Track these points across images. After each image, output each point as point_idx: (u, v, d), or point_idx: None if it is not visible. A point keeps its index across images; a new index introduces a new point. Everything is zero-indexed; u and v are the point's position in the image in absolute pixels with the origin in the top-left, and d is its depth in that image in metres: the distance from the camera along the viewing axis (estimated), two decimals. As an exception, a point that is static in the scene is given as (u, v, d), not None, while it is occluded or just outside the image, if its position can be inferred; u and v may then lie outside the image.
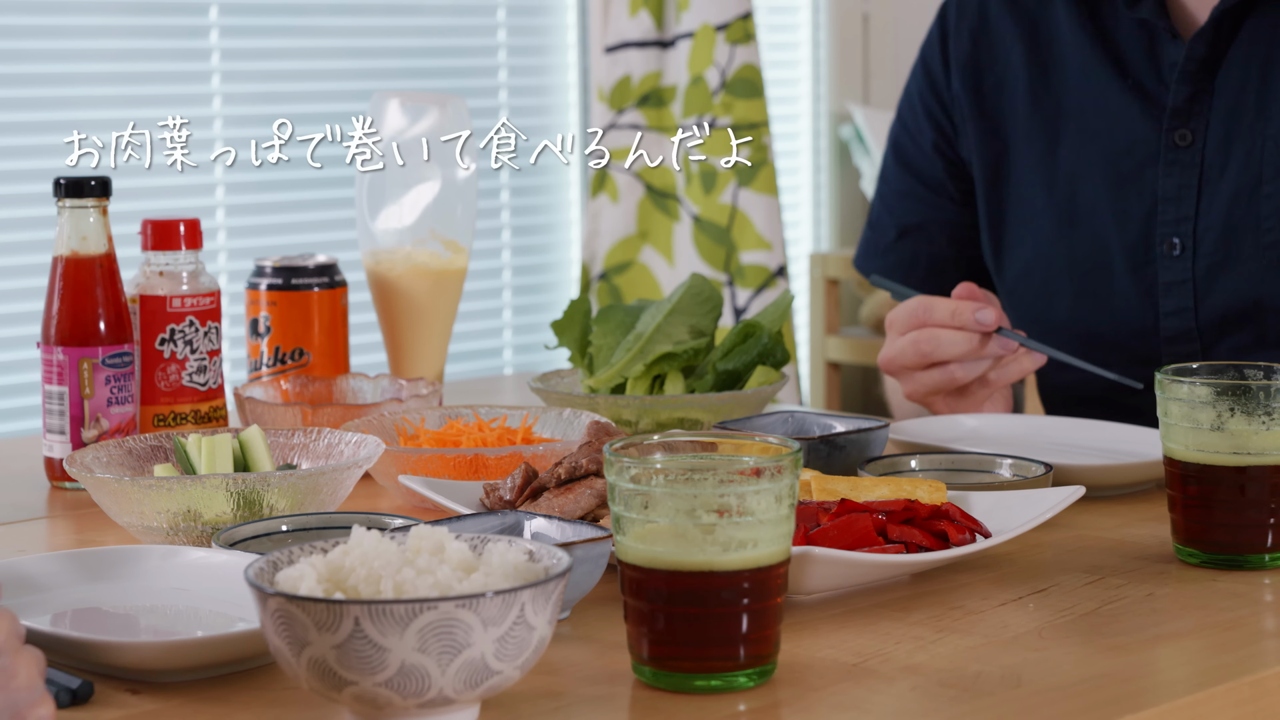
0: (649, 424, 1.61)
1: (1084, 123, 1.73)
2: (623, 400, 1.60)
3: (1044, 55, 1.76)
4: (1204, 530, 1.25)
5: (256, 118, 3.17)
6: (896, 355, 1.62)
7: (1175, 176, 1.68)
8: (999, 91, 1.79)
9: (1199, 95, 1.67)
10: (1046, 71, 1.76)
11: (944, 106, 1.83)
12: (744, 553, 0.98)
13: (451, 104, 1.78)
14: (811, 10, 3.93)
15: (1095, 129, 1.73)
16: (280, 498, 1.28)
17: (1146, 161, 1.70)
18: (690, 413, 1.60)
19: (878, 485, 1.27)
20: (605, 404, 1.60)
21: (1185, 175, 1.68)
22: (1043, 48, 1.76)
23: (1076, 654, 1.06)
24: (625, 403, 1.60)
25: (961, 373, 1.60)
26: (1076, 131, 1.74)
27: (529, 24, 3.53)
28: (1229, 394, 1.23)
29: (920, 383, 1.63)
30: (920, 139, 1.85)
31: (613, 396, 1.62)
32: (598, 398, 1.61)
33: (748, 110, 3.44)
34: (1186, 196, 1.68)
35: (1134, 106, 1.70)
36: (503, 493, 1.29)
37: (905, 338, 1.61)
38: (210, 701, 0.99)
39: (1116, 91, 1.71)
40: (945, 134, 1.83)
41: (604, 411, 1.60)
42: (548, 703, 0.98)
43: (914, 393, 1.65)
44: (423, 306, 1.76)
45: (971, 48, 1.81)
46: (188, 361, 1.58)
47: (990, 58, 1.79)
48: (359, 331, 1.94)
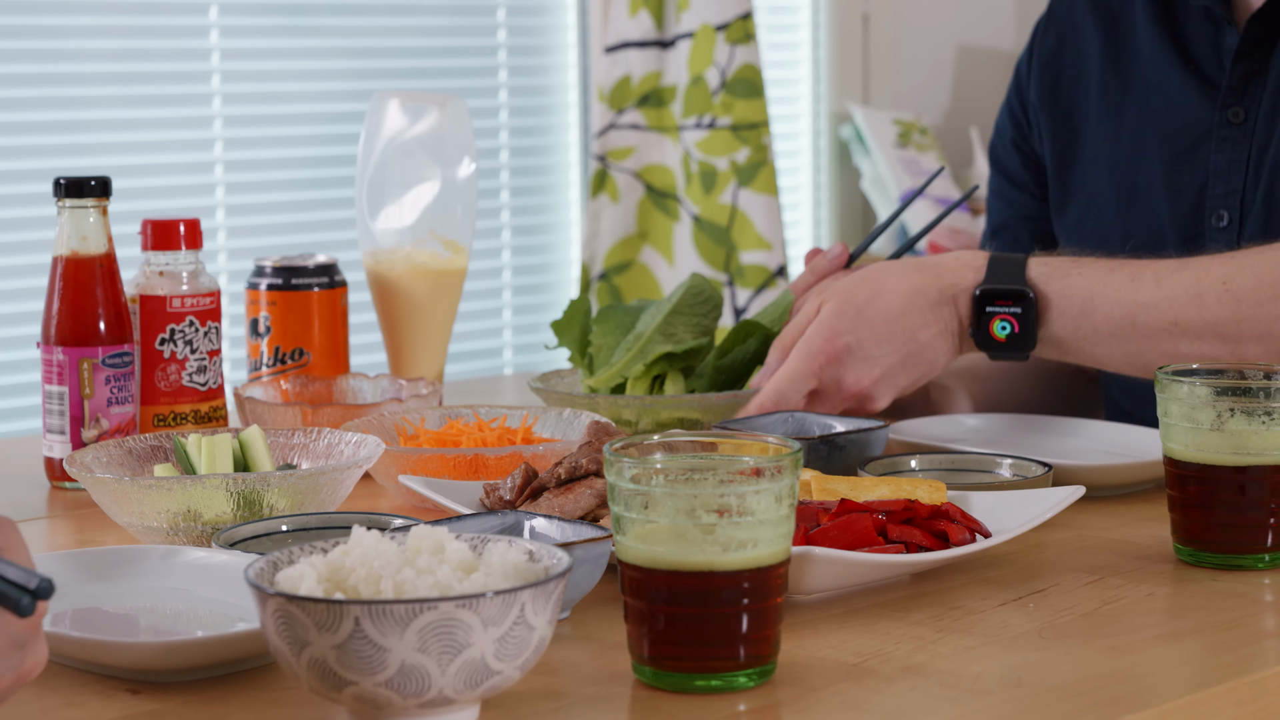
0: (649, 424, 1.61)
1: (1146, 105, 1.79)
2: (623, 400, 1.60)
3: (1119, 47, 1.82)
4: (1204, 530, 1.25)
5: (256, 118, 3.17)
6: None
7: (1226, 152, 1.72)
8: (1075, 84, 1.85)
9: (1253, 75, 1.72)
10: (1119, 62, 1.82)
11: (1024, 104, 1.90)
12: (744, 553, 0.98)
13: (451, 104, 1.78)
14: (811, 10, 3.93)
15: (1155, 110, 1.78)
16: (280, 498, 1.28)
17: (1200, 139, 1.75)
18: (690, 413, 1.60)
19: (878, 485, 1.27)
20: (605, 404, 1.60)
21: (1236, 151, 1.72)
22: (1119, 41, 1.83)
23: (1076, 654, 1.06)
24: (625, 403, 1.60)
25: None
26: (1139, 113, 1.79)
27: (529, 24, 3.53)
28: (1229, 394, 1.23)
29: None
30: (1004, 136, 1.93)
31: (613, 396, 1.61)
32: (598, 398, 1.61)
33: (748, 110, 3.44)
34: (1236, 171, 1.72)
35: (1192, 88, 1.76)
36: (503, 493, 1.29)
37: None
38: (210, 701, 0.99)
39: (1178, 76, 1.77)
40: (1022, 130, 1.90)
41: (604, 411, 1.60)
42: (548, 703, 0.98)
43: None
44: (423, 306, 1.76)
45: (1056, 46, 1.88)
46: (188, 361, 1.58)
47: (1072, 53, 1.86)
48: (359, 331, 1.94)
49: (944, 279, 1.55)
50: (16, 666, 0.88)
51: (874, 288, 1.54)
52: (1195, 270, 1.51)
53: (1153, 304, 1.50)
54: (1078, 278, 1.53)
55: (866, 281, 1.55)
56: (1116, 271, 1.53)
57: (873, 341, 1.53)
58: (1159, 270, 1.52)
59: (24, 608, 0.86)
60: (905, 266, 1.56)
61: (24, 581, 0.86)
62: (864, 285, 1.55)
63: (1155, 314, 1.50)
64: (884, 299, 1.53)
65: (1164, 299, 1.50)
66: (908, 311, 1.53)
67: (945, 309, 1.55)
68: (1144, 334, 1.51)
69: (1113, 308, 1.51)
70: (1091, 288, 1.52)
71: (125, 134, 3.04)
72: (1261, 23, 1.70)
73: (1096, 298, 1.52)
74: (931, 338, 1.54)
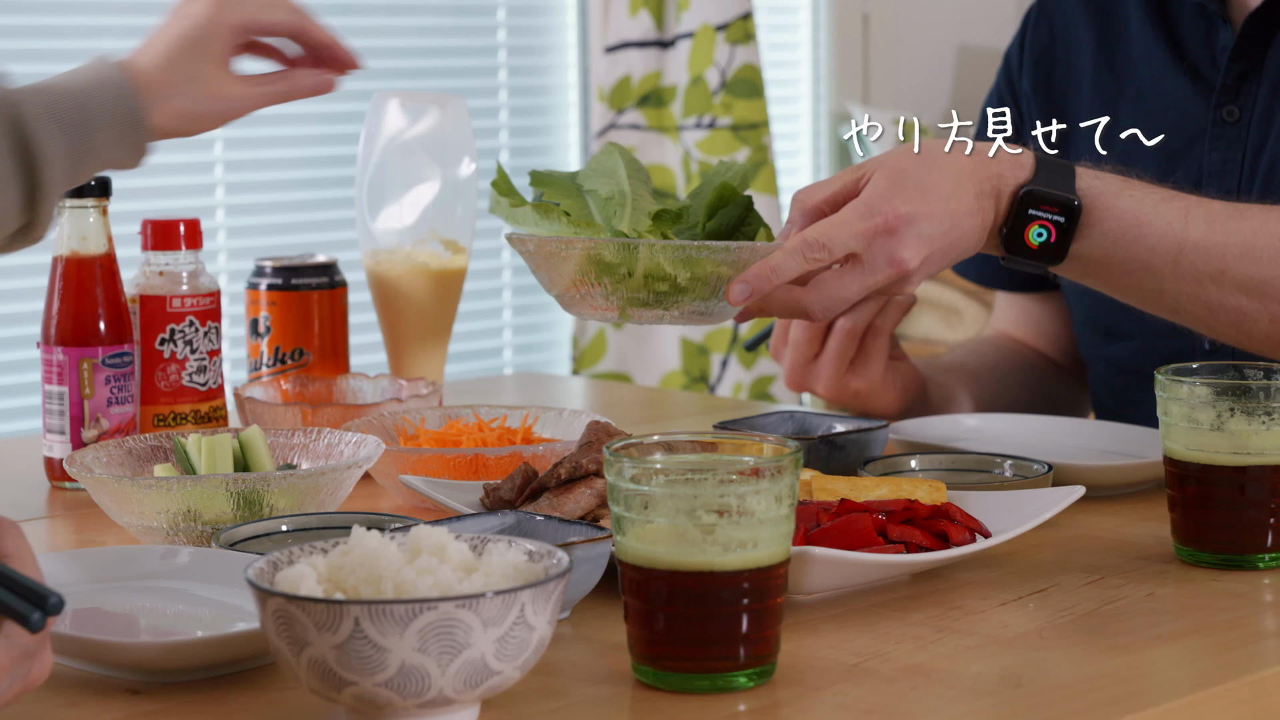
0: (686, 277, 1.36)
1: (1140, 103, 1.78)
2: (673, 246, 1.33)
3: (1111, 44, 1.82)
4: (1204, 530, 1.25)
5: (256, 117, 3.17)
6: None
7: (1221, 151, 1.72)
8: (1067, 79, 1.84)
9: (1248, 74, 1.71)
10: (1112, 57, 1.81)
11: (1015, 99, 1.88)
12: (744, 553, 0.98)
13: (451, 104, 1.78)
14: (811, 10, 3.93)
15: (1149, 109, 1.77)
16: (280, 498, 1.28)
17: (1195, 138, 1.73)
18: (730, 270, 1.37)
19: (878, 485, 1.27)
20: (647, 250, 1.33)
21: (1231, 150, 1.71)
22: (1112, 37, 1.82)
23: (1076, 654, 1.06)
24: (674, 250, 1.33)
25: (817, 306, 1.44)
26: (1133, 111, 1.78)
27: (529, 24, 3.53)
28: (1229, 394, 1.23)
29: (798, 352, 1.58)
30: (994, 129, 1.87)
31: (672, 242, 1.34)
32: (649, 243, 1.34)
33: (748, 110, 3.44)
34: (1231, 171, 1.71)
35: (1186, 87, 1.75)
36: (503, 493, 1.29)
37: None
38: (210, 701, 0.99)
39: (1172, 74, 1.76)
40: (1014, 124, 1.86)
41: (644, 259, 1.33)
42: (548, 703, 0.98)
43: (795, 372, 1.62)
44: (423, 306, 1.76)
45: (1049, 39, 1.86)
46: (188, 361, 1.57)
47: (1064, 48, 1.85)
48: (359, 331, 1.94)
49: (991, 168, 1.46)
50: (24, 676, 0.89)
51: (928, 162, 1.44)
52: (1252, 221, 1.45)
53: (1203, 246, 1.44)
54: (1128, 199, 1.46)
55: (920, 156, 1.44)
56: (1169, 202, 1.46)
57: (928, 218, 1.41)
58: (1211, 211, 1.46)
59: (34, 624, 0.87)
60: (954, 147, 1.46)
61: (36, 596, 0.87)
62: (914, 159, 1.44)
63: (1203, 257, 1.44)
64: (937, 176, 1.43)
65: (1215, 244, 1.44)
66: (958, 194, 1.43)
67: (988, 200, 1.45)
68: (1184, 274, 1.44)
69: (1160, 240, 1.44)
70: (1141, 212, 1.45)
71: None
72: (1258, 22, 1.70)
73: (1145, 225, 1.45)
74: (971, 226, 1.43)
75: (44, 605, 0.86)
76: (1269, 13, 1.70)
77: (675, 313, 1.39)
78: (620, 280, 1.35)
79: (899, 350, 1.68)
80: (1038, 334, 1.91)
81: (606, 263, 1.34)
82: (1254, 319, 1.45)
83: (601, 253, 1.34)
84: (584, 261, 1.34)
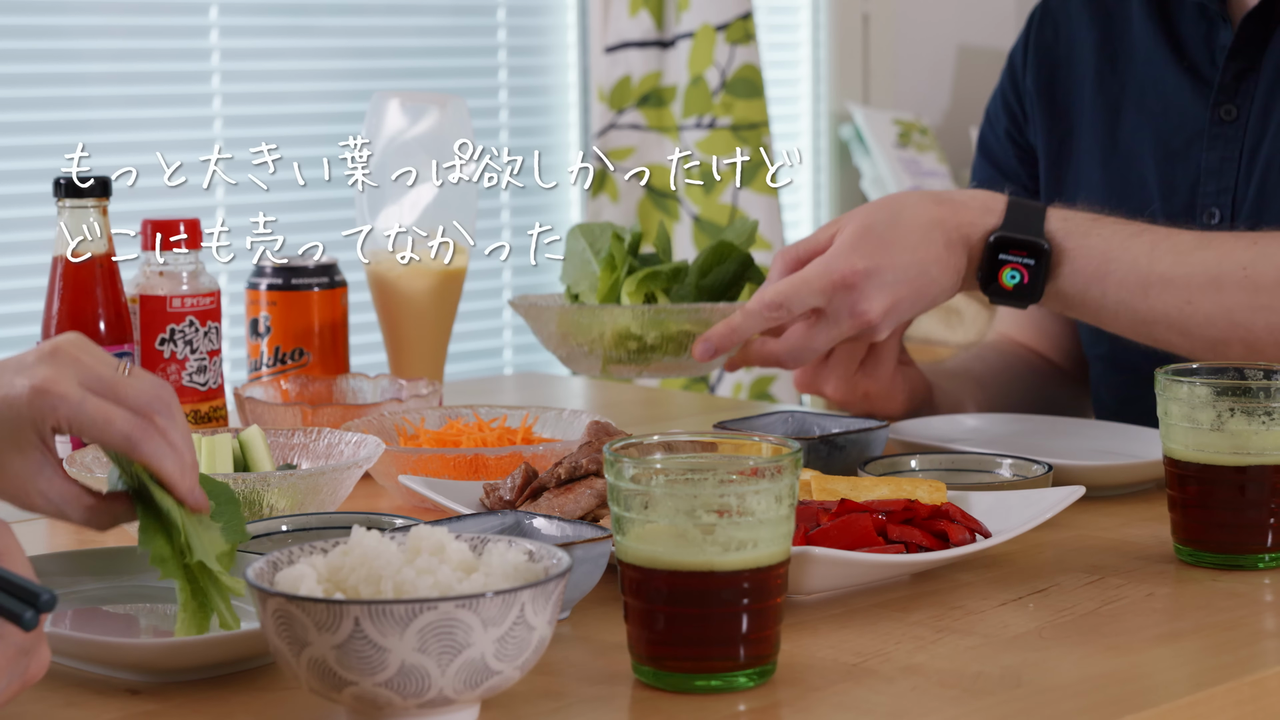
0: (656, 336, 1.56)
1: (1141, 103, 1.79)
2: (635, 310, 1.54)
3: (1114, 44, 1.82)
4: (1204, 530, 1.25)
5: (257, 117, 3.17)
6: None
7: (1219, 150, 1.72)
8: (1070, 79, 1.85)
9: (1246, 73, 1.72)
10: (1115, 58, 1.82)
11: (1019, 97, 1.89)
12: (744, 553, 0.98)
13: (451, 104, 1.78)
14: (811, 10, 3.93)
15: (1150, 108, 1.78)
16: (280, 498, 1.28)
17: (1194, 137, 1.74)
18: (697, 327, 1.56)
19: (878, 485, 1.27)
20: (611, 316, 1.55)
21: (1228, 149, 1.72)
22: (1115, 37, 1.83)
23: (1076, 654, 1.06)
24: (637, 313, 1.54)
25: None
26: (1135, 112, 1.79)
27: (529, 24, 3.53)
28: (1229, 394, 1.23)
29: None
30: (997, 127, 1.91)
31: (625, 307, 1.56)
32: (606, 308, 1.55)
33: (748, 110, 3.44)
34: (1228, 169, 1.72)
35: (1186, 86, 1.75)
36: (503, 493, 1.29)
37: None
38: (210, 701, 0.99)
39: (1173, 74, 1.76)
40: (1017, 122, 1.89)
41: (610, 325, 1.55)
42: (548, 703, 0.98)
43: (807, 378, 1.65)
44: (423, 306, 1.76)
45: (1053, 40, 1.87)
46: (188, 361, 1.57)
47: (1068, 48, 1.86)
48: (359, 331, 1.94)
49: (961, 215, 1.52)
50: (21, 673, 0.89)
51: (894, 216, 1.51)
52: (1217, 250, 1.49)
53: (1169, 279, 1.49)
54: (1096, 238, 1.51)
55: (886, 209, 1.52)
56: (1137, 237, 1.51)
57: (891, 269, 1.49)
58: (1179, 244, 1.50)
59: (27, 622, 0.87)
60: (925, 198, 1.53)
61: (28, 594, 0.87)
62: (884, 212, 1.51)
63: (1170, 290, 1.49)
64: (903, 229, 1.50)
65: (1181, 275, 1.48)
66: (925, 244, 1.50)
67: (958, 248, 1.52)
68: (1155, 307, 1.49)
69: (1128, 274, 1.50)
70: (1109, 250, 1.50)
71: (125, 134, 3.04)
72: (1256, 20, 1.70)
73: (1113, 261, 1.50)
74: (941, 273, 1.51)
75: (36, 602, 0.86)
76: (1266, 12, 1.70)
77: (652, 367, 1.57)
78: (596, 341, 1.55)
79: (906, 355, 1.69)
80: (1040, 337, 1.91)
81: (581, 325, 1.55)
82: (1227, 343, 1.50)
83: (575, 318, 1.56)
84: (562, 326, 1.57)
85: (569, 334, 1.57)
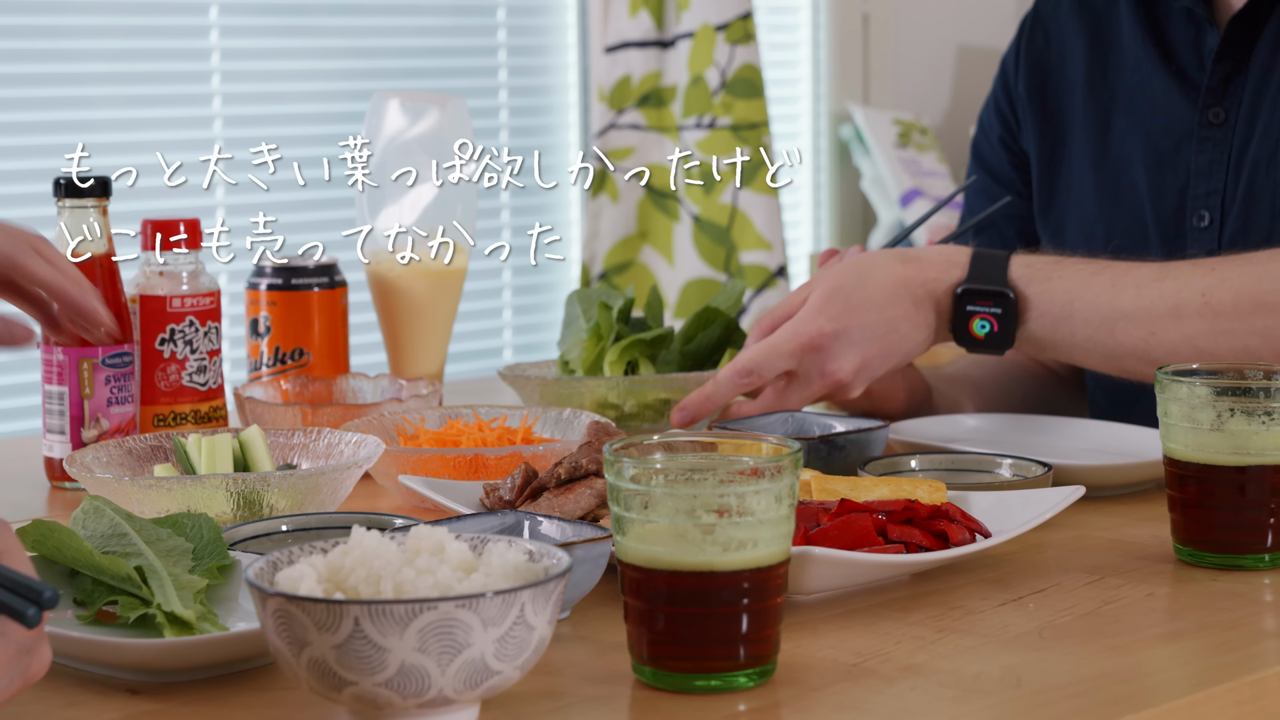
0: (634, 405, 1.64)
1: (1130, 107, 1.80)
2: (610, 381, 1.63)
3: (1104, 50, 1.83)
4: (1204, 530, 1.25)
5: (256, 117, 3.17)
6: None
7: (1207, 153, 1.73)
8: (1061, 85, 1.86)
9: (1233, 75, 1.72)
10: (1105, 64, 1.83)
11: (1011, 103, 1.90)
12: (744, 553, 0.98)
13: (451, 104, 1.78)
14: (811, 10, 3.93)
15: (1139, 112, 1.79)
16: (280, 498, 1.28)
17: (1183, 140, 1.75)
18: (674, 394, 1.64)
19: (878, 485, 1.27)
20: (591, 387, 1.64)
21: (1217, 151, 1.73)
22: (1104, 43, 1.83)
23: (1076, 654, 1.06)
24: (613, 384, 1.63)
25: None
26: (1125, 116, 1.80)
27: (529, 24, 3.53)
28: (1229, 394, 1.23)
29: None
30: (990, 134, 1.93)
31: (601, 378, 1.64)
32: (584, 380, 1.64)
33: (748, 110, 3.44)
34: (1217, 171, 1.72)
35: (1174, 90, 1.76)
36: (503, 493, 1.29)
37: None
38: (210, 701, 0.99)
39: (1161, 78, 1.77)
40: (1010, 128, 1.91)
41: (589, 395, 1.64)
42: (548, 703, 0.98)
43: None
44: (423, 306, 1.76)
45: (1044, 46, 1.88)
46: (188, 361, 1.58)
47: (1059, 55, 1.87)
48: (359, 331, 1.94)
49: (927, 272, 1.56)
50: (23, 671, 0.89)
51: (860, 277, 1.55)
52: (1176, 280, 1.51)
53: (1131, 313, 1.51)
54: (1059, 281, 1.54)
55: (854, 270, 1.56)
56: (1098, 275, 1.54)
57: (857, 330, 1.53)
58: (1140, 277, 1.53)
59: (29, 619, 0.87)
60: (890, 257, 1.57)
61: (30, 592, 0.87)
62: (852, 274, 1.56)
63: (1133, 323, 1.51)
64: (869, 289, 1.54)
65: (1143, 308, 1.51)
66: (892, 303, 1.54)
67: (926, 304, 1.56)
68: (1121, 341, 1.52)
69: (1092, 313, 1.52)
70: (1072, 291, 1.53)
71: (125, 134, 3.04)
72: (1242, 23, 1.71)
73: (1076, 302, 1.53)
74: (910, 329, 1.55)
75: (39, 600, 0.86)
76: (1252, 14, 1.71)
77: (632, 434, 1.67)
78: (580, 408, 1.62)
79: None
80: None
81: (562, 396, 1.65)
82: None
83: (556, 389, 1.65)
84: (544, 397, 1.65)
85: (552, 404, 1.64)
